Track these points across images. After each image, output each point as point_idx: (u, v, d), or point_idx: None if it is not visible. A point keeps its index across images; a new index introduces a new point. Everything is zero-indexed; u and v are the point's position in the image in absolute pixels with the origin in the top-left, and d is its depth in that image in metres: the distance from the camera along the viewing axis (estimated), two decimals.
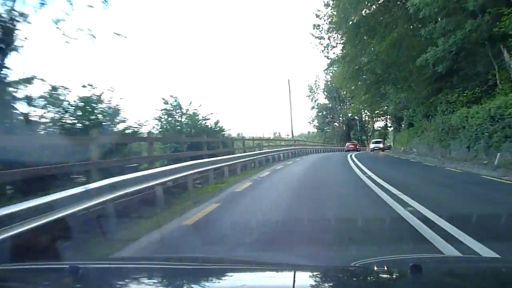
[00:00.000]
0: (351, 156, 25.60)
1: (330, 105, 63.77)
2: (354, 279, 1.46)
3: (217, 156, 11.82)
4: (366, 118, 78.53)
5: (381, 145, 43.49)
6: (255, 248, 3.85)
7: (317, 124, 63.90)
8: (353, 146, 46.88)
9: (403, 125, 33.97)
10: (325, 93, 61.99)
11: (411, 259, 1.73)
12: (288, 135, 42.68)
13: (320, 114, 62.72)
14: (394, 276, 1.48)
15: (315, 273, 1.51)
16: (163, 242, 4.40)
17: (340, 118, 62.65)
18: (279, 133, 49.46)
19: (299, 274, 1.49)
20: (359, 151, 44.99)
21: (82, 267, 1.35)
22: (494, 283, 1.35)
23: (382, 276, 1.48)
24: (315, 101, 62.39)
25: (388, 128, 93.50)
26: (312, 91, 61.92)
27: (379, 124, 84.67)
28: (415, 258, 1.86)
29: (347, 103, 53.45)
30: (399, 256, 1.94)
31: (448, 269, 1.61)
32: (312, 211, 6.23)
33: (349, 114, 65.32)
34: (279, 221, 5.39)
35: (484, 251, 3.55)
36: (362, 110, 56.78)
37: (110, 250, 4.04)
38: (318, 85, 62.47)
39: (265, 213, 6.11)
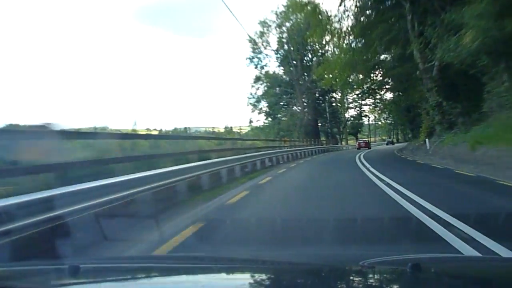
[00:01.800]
0: None
1: (287, 78, 39.44)
2: (354, 278, 1.45)
3: None
4: (337, 103, 55.91)
5: None
6: None
7: (267, 109, 39.16)
8: (364, 144, 40.53)
9: None
10: (279, 56, 37.40)
11: (411, 259, 1.56)
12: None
13: (271, 89, 37.73)
14: (393, 275, 1.46)
15: (316, 273, 1.50)
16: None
17: (304, 99, 38.22)
18: None
19: (301, 273, 1.51)
20: (370, 148, 37.02)
21: (82, 267, 1.34)
22: (494, 283, 1.34)
23: (381, 275, 1.45)
24: (262, 68, 37.56)
25: (364, 117, 71.41)
26: (256, 50, 36.84)
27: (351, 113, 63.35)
28: (416, 258, 1.68)
29: (319, 66, 28.76)
30: (401, 256, 1.74)
31: (449, 268, 1.57)
32: None
33: (316, 94, 41.20)
34: None
35: None
36: (335, 86, 32.93)
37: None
38: (267, 40, 37.68)
39: None
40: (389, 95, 57.57)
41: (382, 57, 23.86)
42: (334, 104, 52.49)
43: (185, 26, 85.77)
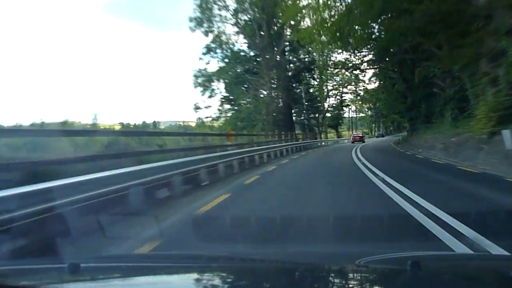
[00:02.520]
0: None
1: (251, 51, 29.49)
2: (353, 277, 1.43)
3: None
4: (315, 89, 46.99)
5: None
6: None
7: (224, 92, 28.63)
8: (359, 138, 40.30)
9: None
10: (240, 21, 26.85)
11: (410, 257, 1.59)
12: None
13: (228, 65, 27.04)
14: (393, 273, 1.44)
15: (315, 271, 1.50)
16: None
17: (273, 79, 28.31)
18: None
19: (299, 272, 1.49)
20: (364, 142, 35.62)
21: (82, 265, 1.35)
22: (492, 280, 1.34)
23: (381, 273, 1.45)
24: (217, 35, 26.75)
25: (345, 108, 62.81)
26: (204, 9, 25.94)
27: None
28: (415, 256, 1.71)
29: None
30: (399, 254, 1.77)
31: (447, 266, 1.57)
32: None
33: (289, 73, 31.57)
34: None
35: None
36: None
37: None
38: None
39: None
40: (372, 80, 49.24)
41: None
42: (311, 90, 43.20)
43: (156, 19, 76.25)
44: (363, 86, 62.71)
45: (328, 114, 57.13)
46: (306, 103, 38.45)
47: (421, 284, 1.23)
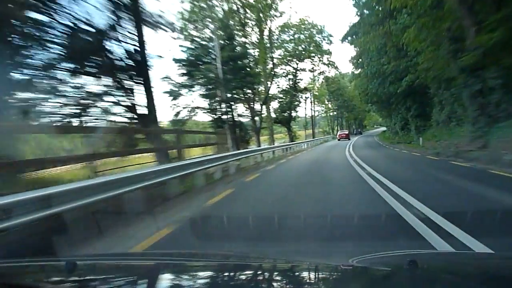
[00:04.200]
0: None
1: None
2: (350, 275, 1.40)
3: None
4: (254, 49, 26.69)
5: None
6: None
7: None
8: (345, 135, 41.67)
9: None
10: None
11: (407, 255, 1.67)
12: None
13: None
14: (390, 272, 1.40)
15: (312, 270, 1.48)
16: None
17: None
18: None
19: (296, 270, 1.49)
20: (349, 139, 37.17)
21: (79, 263, 1.35)
22: (489, 278, 1.32)
23: (378, 272, 1.42)
24: None
25: (300, 94, 42.21)
26: None
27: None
28: (411, 254, 1.76)
29: None
30: (396, 252, 1.81)
31: (444, 264, 1.57)
32: None
33: None
34: None
35: None
36: None
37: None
38: None
39: None
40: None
41: None
42: (238, 49, 22.00)
43: None
44: (329, 60, 42.73)
45: (275, 105, 36.11)
46: (223, 67, 16.76)
47: (419, 283, 1.21)
